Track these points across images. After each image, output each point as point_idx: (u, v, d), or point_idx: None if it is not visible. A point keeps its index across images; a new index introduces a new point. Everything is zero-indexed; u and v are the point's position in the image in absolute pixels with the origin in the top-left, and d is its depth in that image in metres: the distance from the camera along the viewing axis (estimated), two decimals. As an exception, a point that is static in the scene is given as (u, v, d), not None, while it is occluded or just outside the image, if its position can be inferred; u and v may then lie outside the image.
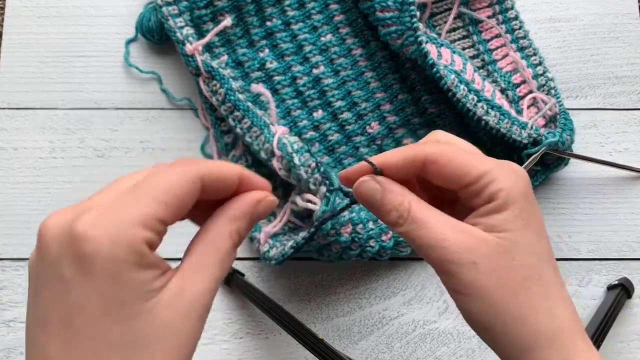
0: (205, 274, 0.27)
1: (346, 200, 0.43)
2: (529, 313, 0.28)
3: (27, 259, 0.49)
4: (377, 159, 0.31)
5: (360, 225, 0.46)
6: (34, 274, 0.26)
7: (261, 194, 0.29)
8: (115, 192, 0.26)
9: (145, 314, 0.25)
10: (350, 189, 0.32)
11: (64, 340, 0.24)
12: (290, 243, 0.44)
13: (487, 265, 0.28)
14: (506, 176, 0.29)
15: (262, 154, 0.48)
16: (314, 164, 0.45)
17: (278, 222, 0.48)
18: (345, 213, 0.45)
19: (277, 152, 0.46)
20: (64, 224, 0.25)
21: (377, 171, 0.31)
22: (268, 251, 0.47)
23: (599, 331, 0.46)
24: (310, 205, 0.44)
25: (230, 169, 0.28)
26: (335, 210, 0.42)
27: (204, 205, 0.28)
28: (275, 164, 0.47)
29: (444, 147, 0.30)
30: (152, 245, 0.25)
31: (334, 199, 0.42)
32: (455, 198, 0.33)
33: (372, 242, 0.47)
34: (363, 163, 0.31)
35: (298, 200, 0.46)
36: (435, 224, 0.29)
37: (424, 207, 0.30)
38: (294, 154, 0.45)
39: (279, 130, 0.48)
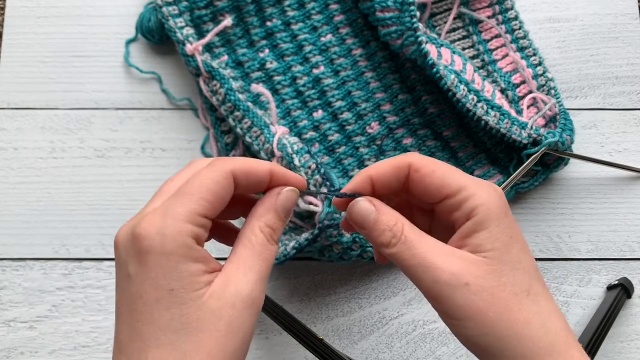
0: (245, 267, 0.30)
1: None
2: (523, 328, 0.29)
3: (27, 259, 0.50)
4: (370, 170, 0.32)
5: None
6: (115, 277, 0.30)
7: (279, 188, 0.32)
8: (164, 197, 0.30)
9: (193, 302, 0.28)
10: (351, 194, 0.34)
11: (130, 326, 0.28)
12: (292, 243, 0.44)
13: (479, 285, 0.29)
14: (485, 192, 0.30)
15: (262, 154, 0.48)
16: (314, 165, 0.45)
17: None
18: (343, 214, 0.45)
19: (277, 153, 0.46)
20: (127, 230, 0.29)
21: (355, 197, 0.33)
22: None
23: (599, 331, 0.46)
24: (312, 207, 0.44)
25: (259, 165, 0.31)
26: (338, 220, 0.43)
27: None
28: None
29: (428, 159, 0.32)
30: (199, 239, 0.29)
31: None
32: (436, 221, 0.34)
33: None
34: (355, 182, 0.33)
35: (300, 202, 0.46)
36: (426, 246, 0.30)
37: (416, 230, 0.31)
38: (294, 155, 0.45)
39: (279, 131, 0.48)
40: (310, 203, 0.45)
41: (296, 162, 0.45)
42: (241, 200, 0.34)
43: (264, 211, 0.31)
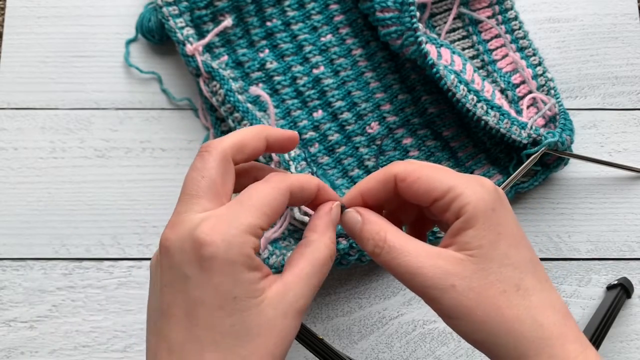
0: (304, 281, 0.31)
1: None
2: (513, 324, 0.29)
3: (27, 259, 0.50)
4: (359, 187, 0.34)
5: None
6: (157, 274, 0.31)
7: (329, 203, 0.34)
8: (202, 196, 0.31)
9: (253, 309, 0.29)
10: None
11: (185, 328, 0.29)
12: (289, 254, 0.44)
13: (465, 286, 0.30)
14: (473, 191, 0.31)
15: (261, 158, 0.48)
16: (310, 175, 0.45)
17: (278, 227, 0.48)
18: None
19: (275, 157, 0.47)
20: (184, 232, 0.29)
21: (342, 208, 0.35)
22: (268, 258, 0.47)
23: (599, 331, 0.46)
24: (306, 219, 0.43)
25: (309, 181, 0.33)
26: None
27: None
28: (273, 167, 0.47)
29: (412, 165, 0.33)
30: (256, 249, 0.30)
31: None
32: (434, 221, 0.36)
33: None
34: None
35: (296, 212, 0.46)
36: (411, 252, 0.31)
37: (400, 237, 0.32)
38: (290, 162, 0.45)
39: None
40: (305, 213, 0.45)
41: (292, 169, 0.45)
42: (249, 171, 0.36)
43: (325, 228, 0.33)
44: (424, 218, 0.37)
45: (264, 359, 0.29)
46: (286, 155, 0.46)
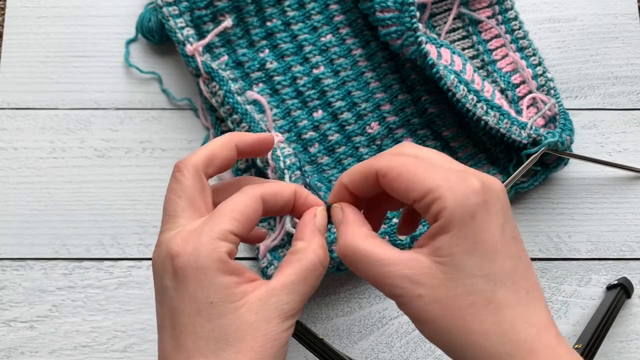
0: (289, 289, 0.31)
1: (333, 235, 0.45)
2: (479, 339, 0.28)
3: (27, 259, 0.50)
4: (343, 178, 0.34)
5: None
6: (155, 291, 0.32)
7: (313, 209, 0.34)
8: (181, 215, 0.32)
9: (231, 313, 0.29)
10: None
11: (172, 337, 0.30)
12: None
13: (431, 296, 0.29)
14: (454, 194, 0.28)
15: (258, 161, 0.48)
16: (303, 185, 0.45)
17: (277, 234, 0.48)
18: (335, 230, 0.45)
19: (272, 163, 0.47)
20: (163, 249, 0.31)
21: (327, 205, 0.35)
22: (267, 267, 0.47)
23: (599, 331, 0.46)
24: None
25: (285, 187, 0.34)
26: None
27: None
28: (270, 174, 0.47)
29: (396, 161, 0.31)
30: (231, 254, 0.30)
31: None
32: None
33: None
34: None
35: (288, 225, 0.45)
36: (379, 257, 0.30)
37: (371, 240, 0.31)
38: (285, 171, 0.45)
39: (275, 139, 0.48)
40: (296, 225, 0.45)
41: (287, 178, 0.45)
42: (239, 185, 0.36)
43: (311, 234, 0.33)
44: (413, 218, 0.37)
45: None
46: (281, 164, 0.46)
